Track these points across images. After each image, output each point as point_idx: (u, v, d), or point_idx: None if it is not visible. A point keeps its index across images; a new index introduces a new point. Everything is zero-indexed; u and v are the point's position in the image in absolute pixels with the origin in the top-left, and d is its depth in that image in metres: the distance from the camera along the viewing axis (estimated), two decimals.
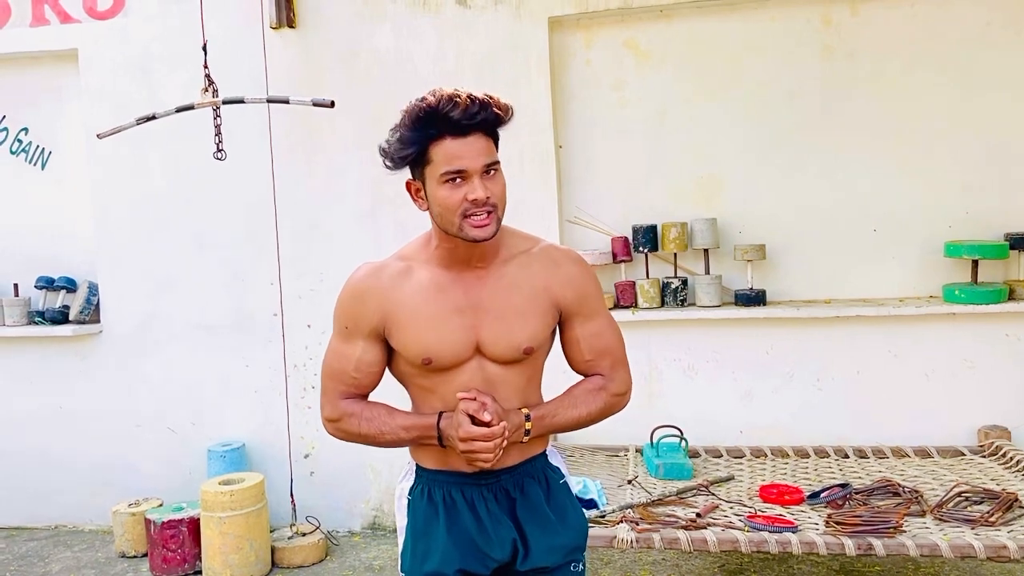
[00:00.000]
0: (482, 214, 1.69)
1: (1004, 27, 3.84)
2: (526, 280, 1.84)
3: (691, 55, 4.10)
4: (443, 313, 1.79)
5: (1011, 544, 2.67)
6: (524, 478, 1.90)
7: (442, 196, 1.70)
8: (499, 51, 4.13)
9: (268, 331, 4.37)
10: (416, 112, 1.68)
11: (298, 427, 4.37)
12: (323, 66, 4.29)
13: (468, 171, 1.68)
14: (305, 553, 4.07)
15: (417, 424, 1.83)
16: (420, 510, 1.90)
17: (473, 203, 1.68)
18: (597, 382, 1.93)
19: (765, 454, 3.79)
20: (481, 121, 1.68)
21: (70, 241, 4.70)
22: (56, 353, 4.65)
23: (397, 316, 1.81)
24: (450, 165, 1.67)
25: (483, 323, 1.80)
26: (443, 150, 1.68)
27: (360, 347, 1.86)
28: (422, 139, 1.69)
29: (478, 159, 1.68)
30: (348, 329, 1.86)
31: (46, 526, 4.75)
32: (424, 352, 1.79)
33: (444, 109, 1.65)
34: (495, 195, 1.71)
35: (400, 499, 1.95)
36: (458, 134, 1.67)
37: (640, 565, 3.81)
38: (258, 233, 4.34)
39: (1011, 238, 3.79)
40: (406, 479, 1.96)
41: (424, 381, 1.86)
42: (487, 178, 1.70)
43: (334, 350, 1.90)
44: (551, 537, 1.88)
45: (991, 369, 3.85)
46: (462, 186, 1.69)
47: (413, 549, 1.89)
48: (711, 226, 4.00)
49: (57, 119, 4.68)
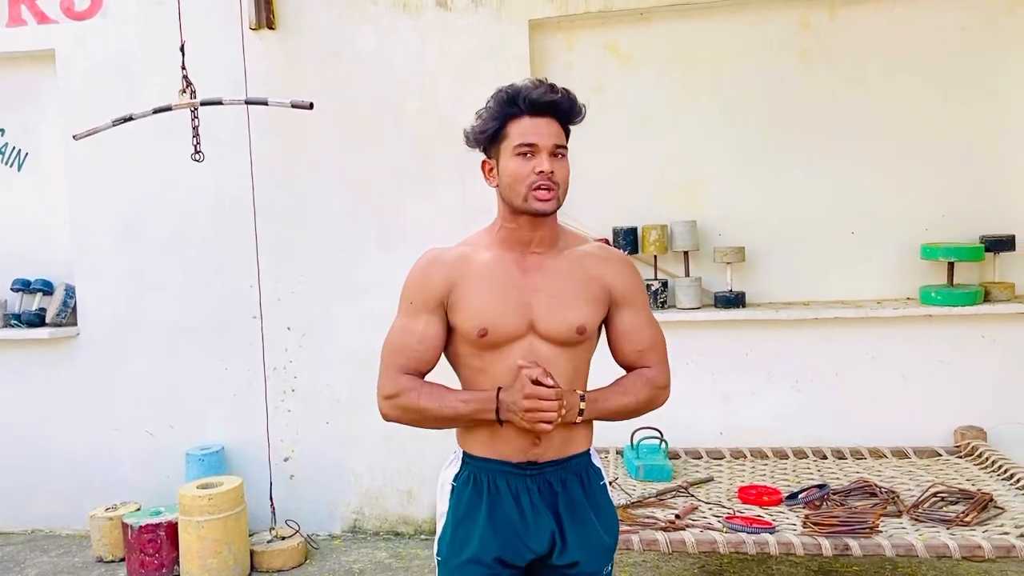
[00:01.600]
0: (546, 189, 1.85)
1: (981, 31, 3.88)
2: (580, 269, 1.97)
3: (672, 58, 4.12)
4: (502, 288, 1.91)
5: (986, 544, 2.70)
6: (568, 473, 1.97)
7: (513, 167, 1.87)
8: (480, 53, 4.13)
9: (247, 333, 4.34)
10: (502, 93, 1.90)
11: (277, 430, 4.35)
12: (303, 68, 4.28)
13: (539, 146, 1.86)
14: (285, 557, 4.05)
15: (476, 397, 1.90)
16: (464, 497, 1.96)
17: (540, 175, 1.84)
18: (645, 374, 2.01)
19: (744, 455, 3.81)
20: (555, 105, 1.87)
21: (47, 243, 4.65)
22: (33, 356, 4.61)
23: (459, 290, 1.91)
24: (524, 138, 1.86)
25: (538, 301, 1.91)
26: (519, 126, 1.87)
27: (424, 320, 1.94)
28: (503, 116, 1.88)
29: (549, 138, 1.87)
30: (414, 304, 1.95)
31: (22, 531, 4.70)
32: (482, 322, 1.89)
33: (523, 92, 1.86)
34: (559, 175, 1.87)
35: (444, 486, 2.01)
36: (534, 114, 1.87)
37: (620, 567, 3.82)
38: (237, 235, 4.31)
39: (986, 240, 3.83)
40: (451, 466, 2.01)
41: (477, 361, 1.93)
42: (554, 159, 1.87)
43: (399, 327, 1.98)
44: (588, 534, 1.96)
45: (967, 370, 3.89)
46: (531, 160, 1.86)
47: (453, 535, 1.95)
48: (691, 228, 4.02)
49: (34, 120, 4.64)
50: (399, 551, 4.19)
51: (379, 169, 4.27)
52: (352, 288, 4.30)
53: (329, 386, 4.38)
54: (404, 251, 4.13)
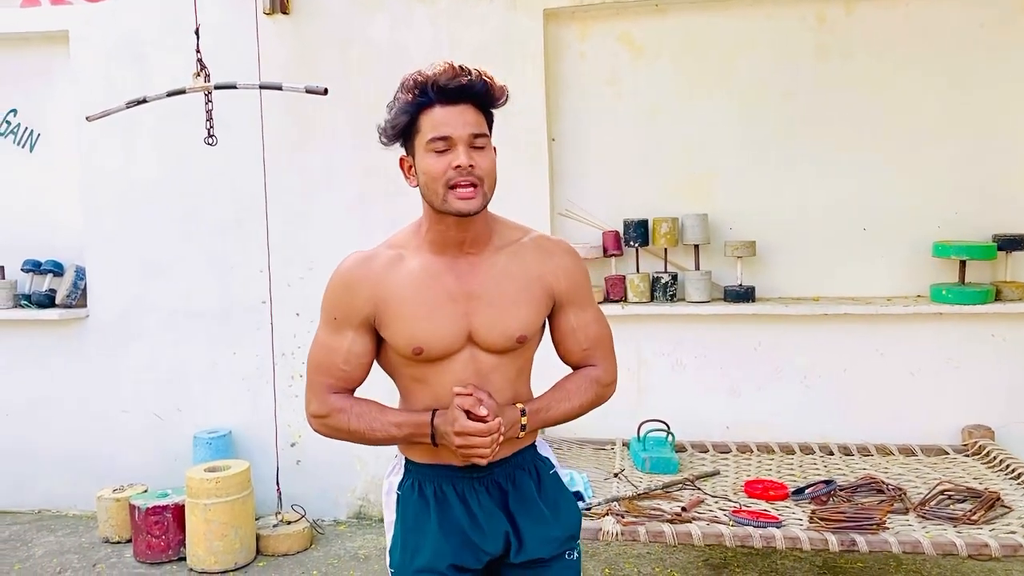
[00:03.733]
0: (467, 186, 1.68)
1: (997, 28, 3.85)
2: (519, 268, 1.82)
3: (685, 50, 4.10)
4: (435, 301, 1.76)
5: (992, 542, 2.69)
6: (515, 470, 1.88)
7: (428, 164, 1.70)
8: (493, 42, 4.12)
9: (256, 318, 4.35)
10: (409, 80, 1.71)
11: (285, 415, 4.36)
12: (316, 53, 4.27)
13: (453, 138, 1.68)
14: (290, 541, 4.07)
15: (409, 421, 1.78)
16: (410, 505, 1.86)
17: (456, 170, 1.67)
18: (587, 374, 1.92)
19: (751, 450, 3.81)
20: (469, 90, 1.69)
21: (58, 225, 4.66)
22: (42, 337, 4.62)
23: (388, 305, 1.76)
24: (436, 131, 1.68)
25: (476, 311, 1.77)
26: (431, 118, 1.69)
27: (349, 338, 1.80)
28: (413, 107, 1.70)
29: (464, 128, 1.68)
30: (337, 320, 1.81)
31: (29, 510, 4.73)
32: (415, 341, 1.75)
33: (433, 79, 1.68)
34: (480, 167, 1.69)
35: (388, 494, 1.91)
36: (446, 102, 1.68)
37: (625, 558, 3.83)
38: (248, 220, 4.32)
39: (999, 239, 3.81)
40: (394, 474, 1.92)
41: (415, 372, 1.82)
42: (474, 150, 1.69)
43: (321, 343, 1.84)
44: (544, 529, 1.86)
45: (976, 369, 3.87)
46: (447, 154, 1.68)
47: (403, 544, 1.85)
48: (702, 222, 4.01)
49: (47, 101, 4.64)
50: None
51: (390, 156, 4.23)
52: None
53: None
54: None
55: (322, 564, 3.94)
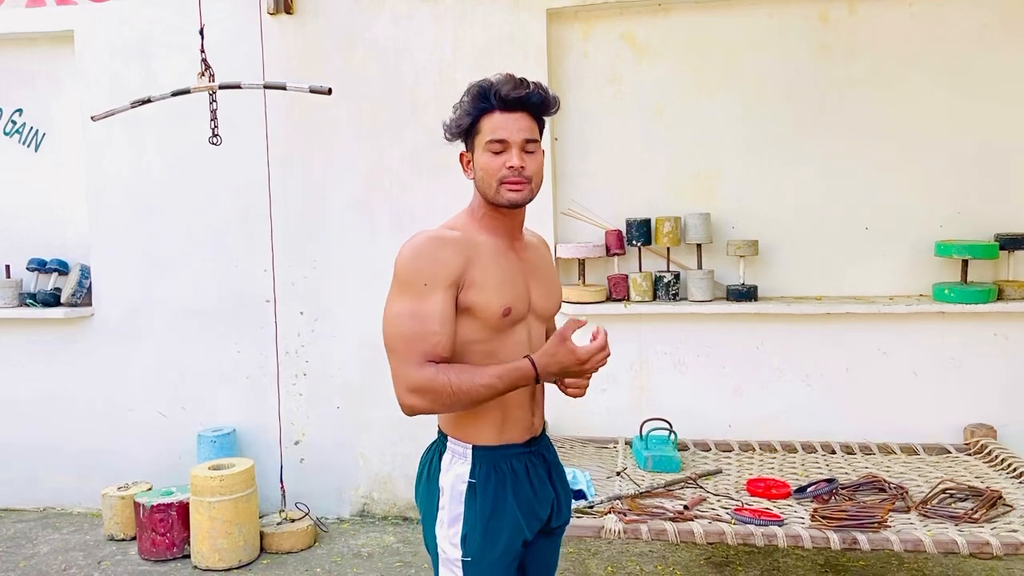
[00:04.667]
0: (516, 182, 1.90)
1: (1001, 29, 3.86)
2: (540, 257, 2.11)
3: (689, 50, 4.11)
4: (511, 271, 1.97)
5: (994, 541, 2.70)
6: (547, 441, 2.12)
7: (485, 161, 1.91)
8: (496, 42, 4.14)
9: (261, 317, 4.37)
10: (475, 88, 1.93)
11: (289, 413, 4.38)
12: (320, 53, 4.29)
13: (509, 142, 1.89)
14: (294, 539, 4.08)
15: (509, 369, 1.86)
16: (489, 490, 1.94)
17: (510, 170, 1.89)
18: None
19: (753, 448, 3.82)
20: (526, 100, 1.90)
21: (63, 224, 4.69)
22: (47, 336, 4.65)
23: (476, 268, 1.90)
24: (494, 134, 1.90)
25: (533, 285, 2.02)
26: (491, 122, 1.91)
27: (440, 300, 1.86)
28: (476, 111, 1.92)
29: (519, 133, 1.90)
30: (428, 285, 1.86)
31: (35, 508, 4.75)
32: (505, 301, 1.92)
33: (495, 88, 1.89)
34: (530, 168, 1.91)
35: (454, 487, 1.95)
36: (505, 109, 1.90)
37: (627, 556, 3.84)
38: (252, 219, 4.34)
39: (1001, 239, 3.81)
40: (458, 465, 1.97)
41: (486, 345, 1.92)
42: (526, 153, 1.91)
43: (409, 313, 1.86)
44: (570, 495, 2.14)
45: (978, 368, 3.88)
46: (502, 155, 1.90)
47: (484, 531, 1.92)
48: (704, 221, 4.02)
49: (52, 101, 4.66)
50: (407, 536, 4.22)
51: (394, 156, 4.28)
52: (365, 274, 4.32)
53: (340, 371, 4.40)
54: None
55: (326, 562, 3.96)
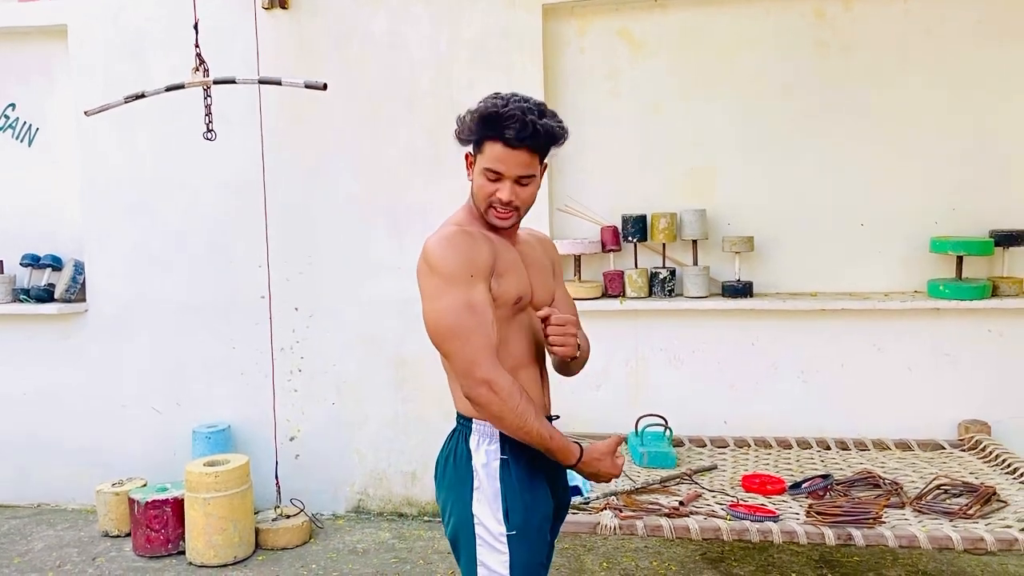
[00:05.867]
0: (504, 210, 1.97)
1: (995, 25, 3.86)
2: (533, 251, 2.17)
3: (684, 46, 4.10)
4: (516, 261, 2.04)
5: (988, 537, 2.71)
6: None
7: (479, 183, 1.98)
8: (492, 37, 4.12)
9: (255, 313, 4.36)
10: (483, 112, 1.93)
11: (284, 410, 4.37)
12: (316, 48, 4.27)
13: (504, 175, 1.94)
14: (289, 535, 4.08)
15: (561, 436, 1.94)
16: (522, 463, 1.98)
17: (498, 201, 1.95)
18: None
19: (748, 444, 3.82)
20: (529, 142, 1.91)
21: (57, 219, 4.67)
22: (41, 331, 4.63)
23: (499, 259, 1.98)
24: (491, 164, 1.94)
25: (532, 276, 2.09)
26: (492, 151, 1.93)
27: (485, 290, 1.91)
28: (481, 134, 1.94)
29: (515, 169, 1.94)
30: (474, 276, 1.90)
31: (29, 504, 4.74)
32: (521, 290, 2.01)
33: (504, 122, 1.89)
34: (520, 199, 1.98)
35: (488, 465, 1.97)
36: (508, 145, 1.91)
37: (623, 552, 3.84)
38: (247, 215, 4.33)
39: (996, 235, 3.82)
40: (486, 444, 1.99)
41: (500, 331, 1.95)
42: (519, 185, 1.96)
43: (464, 304, 1.88)
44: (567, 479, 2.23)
45: (973, 364, 3.89)
46: (495, 183, 1.95)
47: (524, 503, 1.97)
48: (700, 217, 4.02)
49: (46, 96, 4.64)
50: (403, 532, 4.21)
51: (390, 152, 4.27)
52: (361, 270, 4.31)
53: (336, 367, 4.40)
54: (413, 234, 4.15)
55: (321, 558, 3.95)
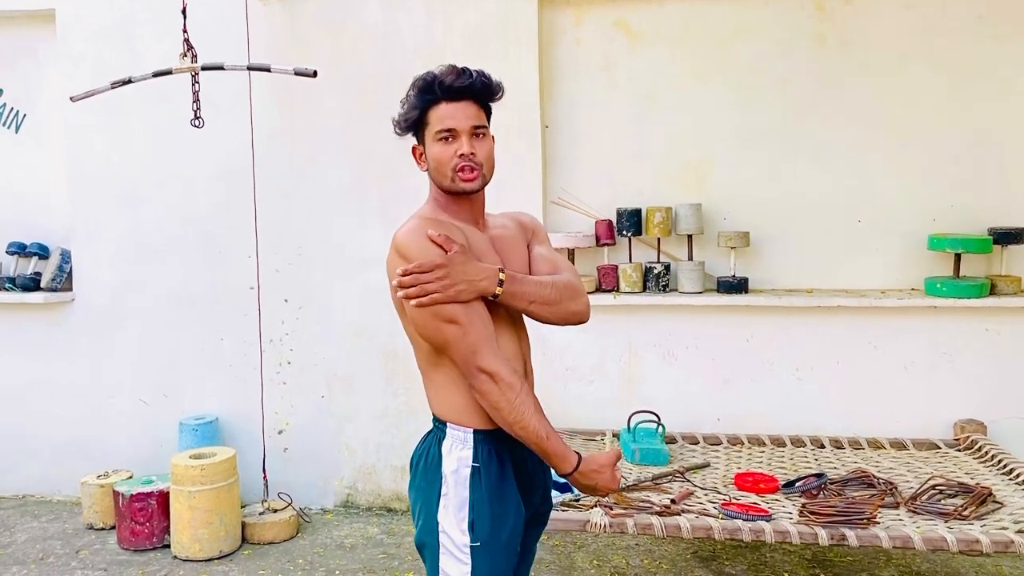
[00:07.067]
0: (469, 169, 1.93)
1: (996, 21, 3.82)
2: (506, 233, 2.11)
3: (682, 38, 4.05)
4: (487, 249, 2.01)
5: (983, 538, 2.67)
6: None
7: (436, 152, 1.95)
8: (487, 26, 4.07)
9: (244, 304, 4.30)
10: (419, 81, 1.96)
11: (272, 402, 4.32)
12: (307, 36, 4.21)
13: (457, 130, 1.92)
14: (276, 529, 4.03)
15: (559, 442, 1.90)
16: (492, 473, 1.94)
17: (461, 157, 1.92)
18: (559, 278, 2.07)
19: (742, 442, 3.79)
20: (470, 88, 1.93)
21: (44, 207, 4.60)
22: (27, 321, 4.57)
23: (470, 246, 1.94)
24: (442, 124, 1.93)
25: (504, 259, 2.03)
26: (438, 113, 1.94)
27: None
28: (422, 104, 1.95)
29: (466, 121, 1.93)
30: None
31: (13, 495, 4.68)
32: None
33: (439, 79, 1.92)
34: (480, 154, 1.95)
35: (458, 472, 1.94)
36: (451, 99, 1.92)
37: (613, 550, 3.80)
38: (236, 205, 4.26)
39: (995, 232, 3.78)
40: (459, 450, 1.95)
41: None
42: (475, 139, 1.94)
43: None
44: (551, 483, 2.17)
45: (970, 363, 3.85)
46: (452, 144, 1.93)
47: (491, 515, 1.93)
48: (696, 212, 3.97)
49: (33, 81, 4.57)
50: (391, 527, 4.17)
51: (382, 142, 4.18)
52: (351, 261, 4.25)
53: (325, 360, 4.34)
54: None
55: (308, 552, 3.90)
